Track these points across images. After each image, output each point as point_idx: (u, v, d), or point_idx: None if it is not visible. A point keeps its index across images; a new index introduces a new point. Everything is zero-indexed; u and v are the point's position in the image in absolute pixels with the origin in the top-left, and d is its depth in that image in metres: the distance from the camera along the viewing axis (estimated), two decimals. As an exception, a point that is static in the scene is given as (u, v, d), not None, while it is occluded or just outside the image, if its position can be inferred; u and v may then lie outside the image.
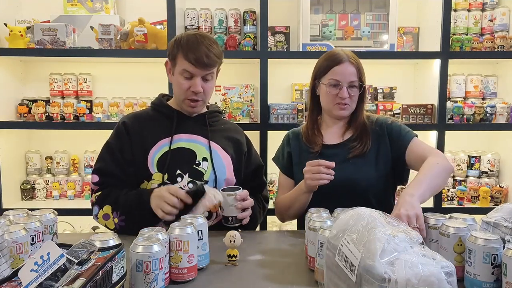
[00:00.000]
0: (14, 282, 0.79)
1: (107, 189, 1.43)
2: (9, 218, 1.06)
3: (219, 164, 1.49)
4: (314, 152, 1.53)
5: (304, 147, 1.57)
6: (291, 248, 1.26)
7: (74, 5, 2.49)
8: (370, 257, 0.75)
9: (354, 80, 1.48)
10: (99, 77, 2.64)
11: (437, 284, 0.71)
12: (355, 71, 1.48)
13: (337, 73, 1.47)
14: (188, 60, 1.38)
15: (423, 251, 0.77)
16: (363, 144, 1.50)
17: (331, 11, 2.46)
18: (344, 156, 1.50)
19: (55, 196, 2.51)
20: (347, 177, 1.44)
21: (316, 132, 1.58)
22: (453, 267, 0.74)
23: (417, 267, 0.72)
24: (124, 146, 1.46)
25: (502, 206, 1.06)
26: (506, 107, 2.41)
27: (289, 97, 2.67)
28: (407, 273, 0.71)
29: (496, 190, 2.47)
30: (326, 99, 1.52)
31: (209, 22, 2.49)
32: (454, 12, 2.55)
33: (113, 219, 1.39)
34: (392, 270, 0.72)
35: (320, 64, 1.55)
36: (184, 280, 0.99)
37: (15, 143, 2.51)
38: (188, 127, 1.50)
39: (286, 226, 2.58)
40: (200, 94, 1.43)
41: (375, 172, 1.49)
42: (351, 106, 1.51)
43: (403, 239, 0.77)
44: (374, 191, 1.49)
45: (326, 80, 1.50)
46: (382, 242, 0.75)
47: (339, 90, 1.47)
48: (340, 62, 1.48)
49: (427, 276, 0.71)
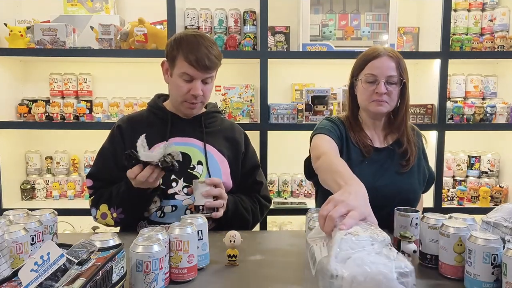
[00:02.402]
0: (14, 282, 0.78)
1: (100, 191, 1.44)
2: (9, 218, 1.06)
3: (214, 168, 1.47)
4: (366, 157, 1.44)
5: (352, 146, 1.46)
6: (291, 248, 1.26)
7: (74, 5, 2.49)
8: (328, 255, 0.79)
9: (393, 75, 1.37)
10: (99, 77, 2.64)
11: (385, 282, 0.72)
12: (394, 65, 1.38)
13: (374, 67, 1.38)
14: (189, 63, 1.36)
15: (385, 251, 0.77)
16: (413, 156, 1.45)
17: (331, 11, 2.46)
18: (388, 163, 1.45)
19: (55, 196, 2.51)
20: (396, 186, 1.39)
21: (361, 130, 1.48)
22: (410, 268, 0.74)
23: (366, 265, 0.73)
24: (117, 151, 1.45)
25: (502, 206, 1.06)
26: (506, 107, 2.41)
27: (289, 97, 2.67)
28: (355, 270, 0.73)
29: (496, 190, 2.47)
30: (363, 96, 1.43)
31: (209, 22, 2.49)
32: (454, 12, 2.56)
33: (111, 215, 1.40)
34: (341, 267, 0.74)
35: (358, 60, 1.46)
36: (184, 280, 0.99)
37: (15, 143, 2.51)
38: (183, 130, 1.49)
39: (286, 226, 2.58)
40: (200, 97, 1.41)
41: (417, 183, 1.47)
42: (390, 104, 1.41)
43: (364, 239, 0.79)
44: (410, 203, 1.40)
45: (362, 75, 1.41)
46: (339, 240, 0.78)
47: (376, 85, 1.38)
48: (377, 56, 1.38)
49: (375, 274, 0.72)
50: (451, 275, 1.02)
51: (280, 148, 2.52)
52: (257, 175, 1.60)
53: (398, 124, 1.48)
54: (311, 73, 2.65)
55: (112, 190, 1.40)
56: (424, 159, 1.55)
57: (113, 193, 1.40)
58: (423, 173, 1.52)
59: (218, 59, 1.41)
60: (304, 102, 2.35)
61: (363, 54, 1.46)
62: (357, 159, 1.44)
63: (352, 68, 1.50)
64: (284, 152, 2.57)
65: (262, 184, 1.60)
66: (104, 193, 1.43)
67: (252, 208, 1.53)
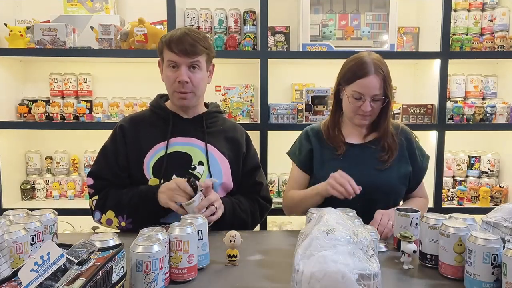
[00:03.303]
0: (14, 282, 0.78)
1: (103, 192, 1.44)
2: (9, 218, 1.06)
3: (215, 168, 1.47)
4: (338, 154, 1.52)
5: (326, 145, 1.56)
6: (291, 248, 1.25)
7: (74, 5, 2.49)
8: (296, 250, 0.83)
9: (377, 94, 1.45)
10: (99, 77, 2.64)
11: (342, 282, 0.73)
12: (380, 84, 1.44)
13: (361, 86, 1.44)
14: (171, 50, 1.39)
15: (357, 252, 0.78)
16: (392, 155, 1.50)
17: (331, 11, 2.46)
18: (366, 158, 1.51)
19: (55, 196, 2.51)
20: (370, 182, 1.43)
21: (337, 132, 1.57)
22: (374, 271, 0.76)
23: (327, 263, 0.75)
24: (119, 151, 1.46)
25: (502, 206, 1.06)
26: (506, 107, 2.41)
27: (289, 97, 2.67)
28: (315, 267, 0.75)
29: (496, 190, 2.47)
30: (348, 108, 1.51)
31: (209, 22, 2.49)
32: (454, 12, 2.55)
33: (118, 223, 1.40)
34: (304, 262, 0.77)
35: (346, 71, 1.50)
36: (184, 280, 0.99)
37: (15, 143, 2.51)
38: (185, 130, 1.49)
39: (286, 226, 2.58)
40: (189, 85, 1.41)
41: (396, 180, 1.51)
42: (372, 117, 1.50)
43: (338, 238, 0.80)
44: (389, 198, 1.50)
45: (349, 90, 1.47)
46: (311, 237, 0.81)
47: (362, 102, 1.45)
48: (365, 75, 1.43)
49: (334, 272, 0.74)
50: (451, 275, 1.02)
51: (280, 148, 2.49)
52: (257, 176, 1.59)
53: (378, 127, 1.54)
54: (311, 73, 2.65)
55: (122, 197, 1.39)
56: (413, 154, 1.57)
57: (122, 201, 1.39)
58: (404, 169, 1.54)
59: (203, 47, 1.41)
60: (304, 102, 2.35)
61: (352, 66, 1.48)
62: (330, 156, 1.54)
63: (340, 74, 1.54)
64: (284, 152, 2.56)
65: (262, 185, 1.60)
66: (109, 196, 1.41)
67: (250, 210, 1.52)
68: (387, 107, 1.49)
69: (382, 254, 1.19)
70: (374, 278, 0.75)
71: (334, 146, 1.54)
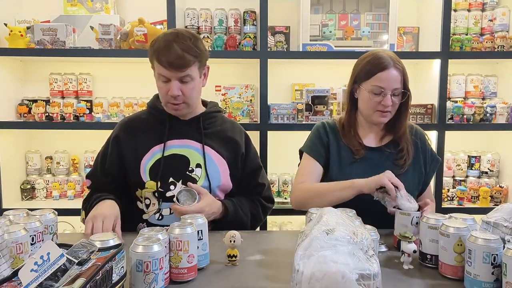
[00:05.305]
0: (14, 282, 0.78)
1: (90, 192, 1.45)
2: (9, 218, 1.06)
3: (212, 170, 1.46)
4: (357, 158, 1.48)
5: (343, 145, 1.51)
6: (291, 248, 1.24)
7: (74, 5, 2.49)
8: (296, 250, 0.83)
9: (398, 88, 1.41)
10: (99, 77, 2.64)
11: (342, 282, 0.73)
12: (400, 77, 1.41)
13: (382, 80, 1.39)
14: (161, 64, 1.33)
15: (357, 252, 0.78)
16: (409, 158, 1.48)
17: (331, 11, 2.46)
18: (383, 163, 1.47)
19: (55, 196, 2.51)
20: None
21: (353, 133, 1.52)
22: (375, 271, 0.76)
23: (327, 263, 0.75)
24: (114, 155, 1.46)
25: (502, 206, 1.06)
26: (506, 107, 2.41)
27: (289, 97, 2.67)
28: (315, 267, 0.75)
29: (496, 190, 2.47)
30: (366, 105, 1.46)
31: (209, 22, 2.49)
32: (454, 12, 2.55)
33: None
34: (304, 262, 0.77)
35: (362, 67, 1.46)
36: (184, 280, 0.99)
37: (15, 143, 2.51)
38: (182, 131, 1.47)
39: (286, 226, 2.58)
40: (180, 97, 1.37)
41: (412, 184, 1.47)
42: (392, 113, 1.46)
43: (339, 238, 0.80)
44: None
45: (368, 86, 1.42)
46: (311, 237, 0.81)
47: (383, 97, 1.40)
48: (385, 68, 1.39)
49: (333, 272, 0.74)
50: (451, 275, 1.02)
51: (280, 148, 2.51)
52: (259, 177, 1.58)
53: (396, 127, 1.50)
54: (311, 73, 2.65)
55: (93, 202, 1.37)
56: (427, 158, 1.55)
57: (88, 206, 1.38)
58: (419, 173, 1.52)
59: (194, 56, 1.34)
60: (304, 102, 2.35)
61: (368, 61, 1.44)
62: (348, 159, 1.49)
63: (355, 72, 1.49)
64: (284, 152, 2.56)
65: (264, 185, 1.58)
66: (91, 198, 1.41)
67: (252, 211, 1.52)
68: (407, 102, 1.45)
69: (382, 254, 1.19)
70: (374, 278, 0.75)
71: (351, 148, 1.49)
